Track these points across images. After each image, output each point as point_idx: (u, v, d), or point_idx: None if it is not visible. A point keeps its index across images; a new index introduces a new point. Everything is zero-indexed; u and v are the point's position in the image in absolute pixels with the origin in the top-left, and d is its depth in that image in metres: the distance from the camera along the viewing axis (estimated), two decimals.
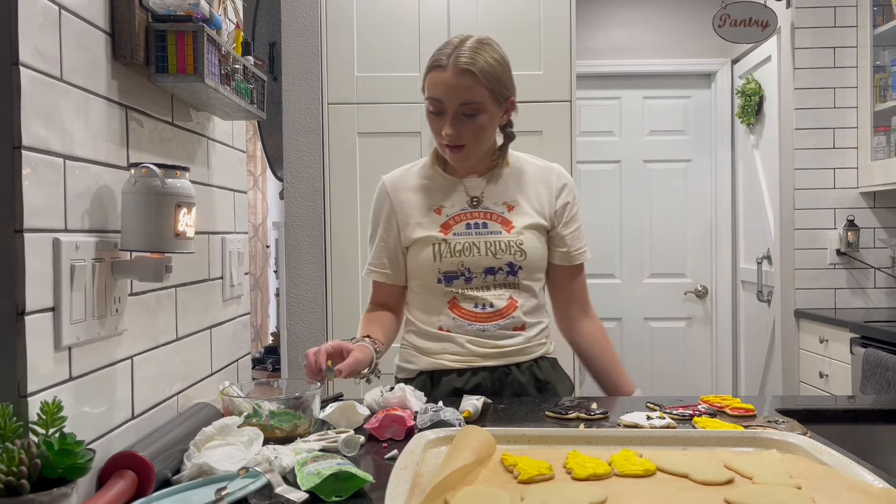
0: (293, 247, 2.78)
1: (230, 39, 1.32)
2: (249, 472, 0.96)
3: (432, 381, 1.55)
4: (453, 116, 1.46)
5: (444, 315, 1.54)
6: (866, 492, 0.86)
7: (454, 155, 1.51)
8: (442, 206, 1.56)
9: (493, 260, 1.52)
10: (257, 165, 4.95)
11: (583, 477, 0.93)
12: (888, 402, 1.48)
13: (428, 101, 1.49)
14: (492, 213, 1.55)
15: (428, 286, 1.55)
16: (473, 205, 1.56)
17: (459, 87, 1.45)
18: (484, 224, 1.54)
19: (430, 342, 1.56)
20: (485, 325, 1.53)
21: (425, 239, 1.53)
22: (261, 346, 4.67)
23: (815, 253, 3.43)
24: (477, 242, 1.52)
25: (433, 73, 1.47)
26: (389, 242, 1.59)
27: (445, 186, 1.58)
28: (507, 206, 1.56)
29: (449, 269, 1.52)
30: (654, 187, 4.24)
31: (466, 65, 1.44)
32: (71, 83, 0.93)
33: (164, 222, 0.99)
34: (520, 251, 1.53)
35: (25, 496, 0.72)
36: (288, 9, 2.76)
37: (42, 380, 0.85)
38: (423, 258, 1.53)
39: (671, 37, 4.17)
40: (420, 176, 1.61)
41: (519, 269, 1.53)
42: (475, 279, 1.52)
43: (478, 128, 1.49)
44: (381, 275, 1.60)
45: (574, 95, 2.77)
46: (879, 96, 3.27)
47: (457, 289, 1.53)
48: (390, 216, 1.58)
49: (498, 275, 1.53)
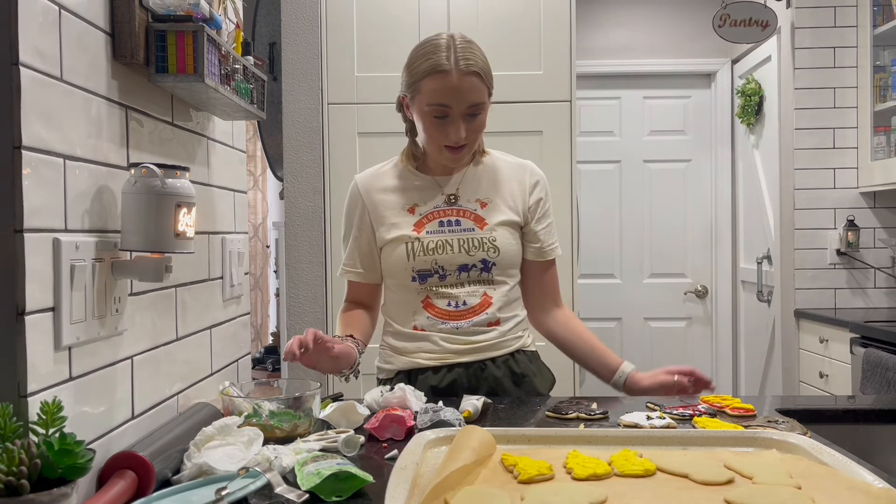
0: (293, 247, 2.78)
1: (230, 39, 1.32)
2: (249, 472, 0.96)
3: (409, 380, 1.55)
4: (461, 119, 1.46)
5: (419, 314, 1.55)
6: (866, 492, 0.86)
7: (454, 155, 1.50)
8: (416, 205, 1.56)
9: (466, 257, 1.52)
10: (257, 165, 4.95)
11: (583, 477, 0.93)
12: (888, 402, 1.48)
13: (430, 108, 1.46)
14: (465, 211, 1.56)
15: (402, 285, 1.55)
16: (450, 202, 1.56)
17: (468, 90, 1.44)
18: (457, 221, 1.55)
19: (406, 342, 1.57)
20: (458, 322, 1.53)
21: (398, 238, 1.53)
22: (261, 346, 4.68)
23: (815, 253, 3.43)
24: (450, 240, 1.53)
25: (434, 78, 1.44)
26: (362, 242, 1.59)
27: (421, 185, 1.58)
28: (479, 203, 1.57)
29: (423, 267, 1.52)
30: (654, 187, 4.24)
31: (471, 67, 1.44)
32: (71, 83, 0.93)
33: (164, 222, 0.99)
34: (493, 248, 1.53)
35: (25, 496, 0.72)
36: (288, 9, 2.76)
37: (42, 380, 0.85)
38: (397, 257, 1.53)
39: (671, 37, 4.17)
40: (393, 175, 1.60)
41: (493, 266, 1.54)
42: (449, 276, 1.53)
43: (479, 126, 1.50)
44: (356, 274, 1.61)
45: (574, 95, 2.77)
46: (879, 96, 3.27)
47: (430, 286, 1.53)
48: (363, 216, 1.59)
49: (472, 272, 1.53)
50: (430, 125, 1.49)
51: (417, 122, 1.52)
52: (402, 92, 1.55)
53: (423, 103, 1.47)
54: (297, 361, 1.31)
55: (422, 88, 1.47)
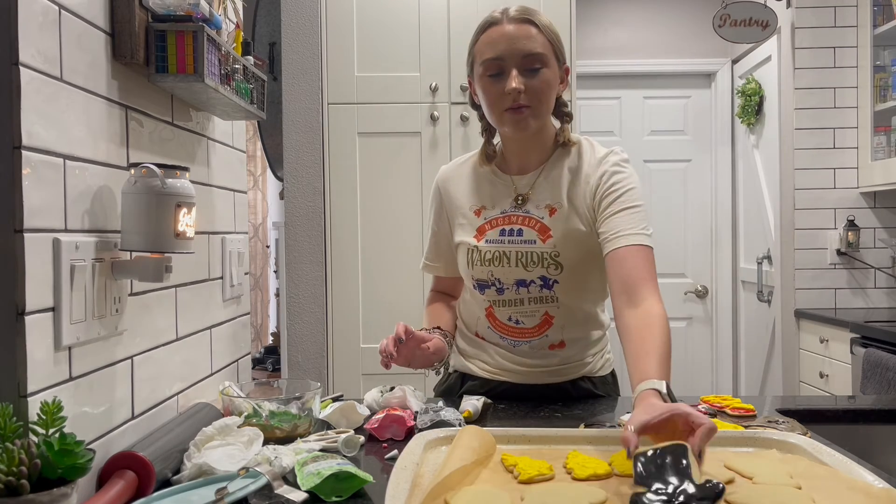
0: (293, 247, 2.78)
1: (230, 39, 1.32)
2: (249, 472, 0.96)
3: (462, 383, 1.53)
4: (517, 71, 1.32)
5: (481, 322, 1.48)
6: (866, 492, 0.86)
7: (517, 117, 1.34)
8: (483, 208, 1.45)
9: (523, 272, 1.39)
10: (257, 165, 4.95)
11: (583, 477, 0.93)
12: (888, 402, 1.48)
13: (484, 66, 1.34)
14: (530, 219, 1.40)
15: (470, 289, 1.50)
16: (518, 203, 1.42)
17: (521, 37, 1.32)
18: (519, 231, 1.40)
19: (467, 345, 1.53)
20: (516, 340, 1.44)
21: (462, 244, 1.46)
22: (261, 346, 4.68)
23: (815, 253, 3.43)
24: (507, 252, 1.39)
25: (488, 32, 1.35)
26: (440, 236, 1.54)
27: (493, 184, 1.46)
28: (549, 209, 1.40)
29: (480, 277, 1.42)
30: (654, 187, 4.23)
31: (524, 15, 1.34)
32: (71, 83, 0.93)
33: (164, 222, 0.99)
34: (555, 264, 1.37)
35: (25, 496, 0.72)
36: (288, 9, 2.76)
37: (42, 380, 0.85)
38: (461, 262, 1.47)
39: (671, 37, 4.17)
40: (471, 170, 1.50)
41: (555, 283, 1.38)
42: (507, 290, 1.41)
43: (542, 84, 1.33)
44: (434, 268, 1.58)
45: (574, 95, 2.77)
46: (879, 96, 3.27)
47: (489, 297, 1.44)
48: (441, 210, 1.53)
49: (531, 287, 1.39)
50: (487, 87, 1.35)
51: (479, 97, 1.39)
52: (467, 74, 1.43)
53: (479, 65, 1.36)
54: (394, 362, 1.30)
55: (476, 52, 1.37)
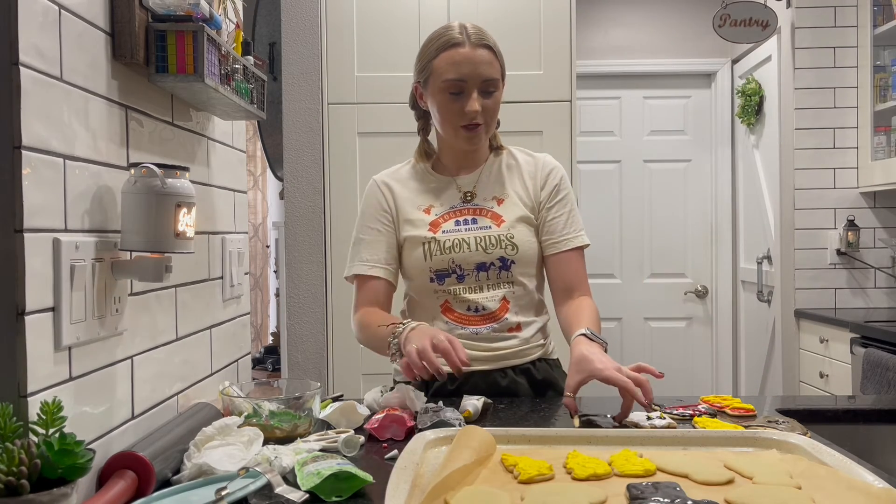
0: (293, 247, 2.78)
1: (230, 39, 1.32)
2: (249, 472, 0.96)
3: (427, 386, 1.52)
4: (476, 93, 1.44)
5: (438, 320, 1.52)
6: (866, 492, 0.86)
7: (471, 134, 1.48)
8: (431, 206, 1.54)
9: (483, 255, 1.49)
10: (257, 165, 4.95)
11: (583, 477, 0.93)
12: (888, 402, 1.48)
13: (446, 83, 1.45)
14: (481, 209, 1.54)
15: (422, 287, 1.53)
16: (467, 200, 1.54)
17: (482, 63, 1.44)
18: (473, 220, 1.52)
19: None
20: (478, 328, 1.50)
21: (416, 238, 1.51)
22: (261, 346, 4.68)
23: (815, 253, 3.43)
24: (467, 238, 1.50)
25: (449, 52, 1.44)
26: (385, 235, 1.55)
27: (437, 185, 1.57)
28: (496, 200, 1.54)
29: (440, 266, 1.50)
30: (654, 187, 4.24)
31: (484, 41, 1.45)
32: (71, 83, 0.93)
33: (164, 222, 0.99)
34: (511, 245, 1.50)
35: (25, 496, 0.72)
36: (288, 9, 2.76)
37: (42, 380, 0.85)
38: (415, 258, 1.51)
39: (671, 37, 4.17)
40: (410, 176, 1.59)
41: (512, 264, 1.50)
42: (467, 276, 1.50)
43: (495, 104, 1.48)
44: (382, 269, 1.53)
45: (574, 95, 2.77)
46: (879, 96, 3.27)
47: (448, 287, 1.50)
48: (386, 209, 1.56)
49: (490, 271, 1.50)
50: (445, 103, 1.47)
51: (432, 107, 1.51)
52: (415, 80, 1.53)
53: (438, 81, 1.46)
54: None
55: (435, 67, 1.46)
